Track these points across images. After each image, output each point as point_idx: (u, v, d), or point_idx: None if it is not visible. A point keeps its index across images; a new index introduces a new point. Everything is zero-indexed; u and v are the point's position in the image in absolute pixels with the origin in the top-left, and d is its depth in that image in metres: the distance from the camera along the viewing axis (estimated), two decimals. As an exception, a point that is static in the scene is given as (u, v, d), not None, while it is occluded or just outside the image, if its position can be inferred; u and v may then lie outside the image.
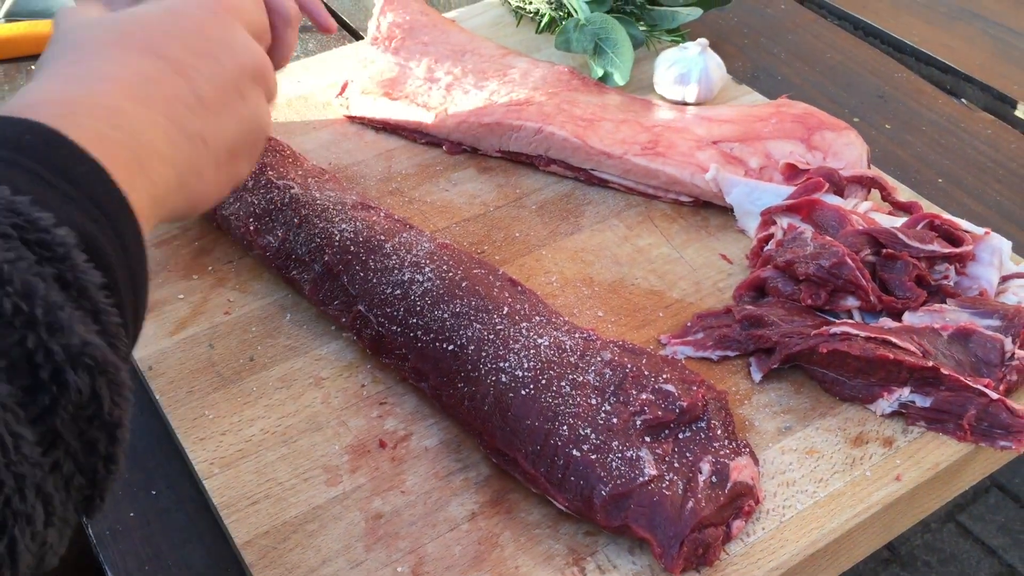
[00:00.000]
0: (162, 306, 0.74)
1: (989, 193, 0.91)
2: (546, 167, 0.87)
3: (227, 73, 0.52)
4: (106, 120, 0.44)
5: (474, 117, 0.87)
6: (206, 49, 0.52)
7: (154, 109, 0.47)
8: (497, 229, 0.81)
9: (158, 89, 0.48)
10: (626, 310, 0.74)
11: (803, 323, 0.69)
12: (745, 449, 0.62)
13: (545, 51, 1.01)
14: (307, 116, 0.93)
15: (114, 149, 0.43)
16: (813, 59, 1.08)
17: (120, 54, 0.48)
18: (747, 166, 0.82)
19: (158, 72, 0.49)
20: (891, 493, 0.62)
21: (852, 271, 0.68)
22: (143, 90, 0.47)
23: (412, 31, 0.97)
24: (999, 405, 0.63)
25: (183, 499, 0.65)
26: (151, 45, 0.50)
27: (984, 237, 0.73)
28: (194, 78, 0.50)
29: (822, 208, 0.74)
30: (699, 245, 0.80)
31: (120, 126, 0.44)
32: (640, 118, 0.87)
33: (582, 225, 0.82)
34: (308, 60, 1.01)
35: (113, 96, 0.45)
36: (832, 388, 0.67)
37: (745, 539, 0.59)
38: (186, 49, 0.51)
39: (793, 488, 0.62)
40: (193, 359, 0.71)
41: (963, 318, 0.68)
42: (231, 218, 0.76)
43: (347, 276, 0.69)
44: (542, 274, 0.77)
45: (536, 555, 0.59)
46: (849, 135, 0.83)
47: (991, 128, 0.98)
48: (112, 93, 0.45)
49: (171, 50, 0.50)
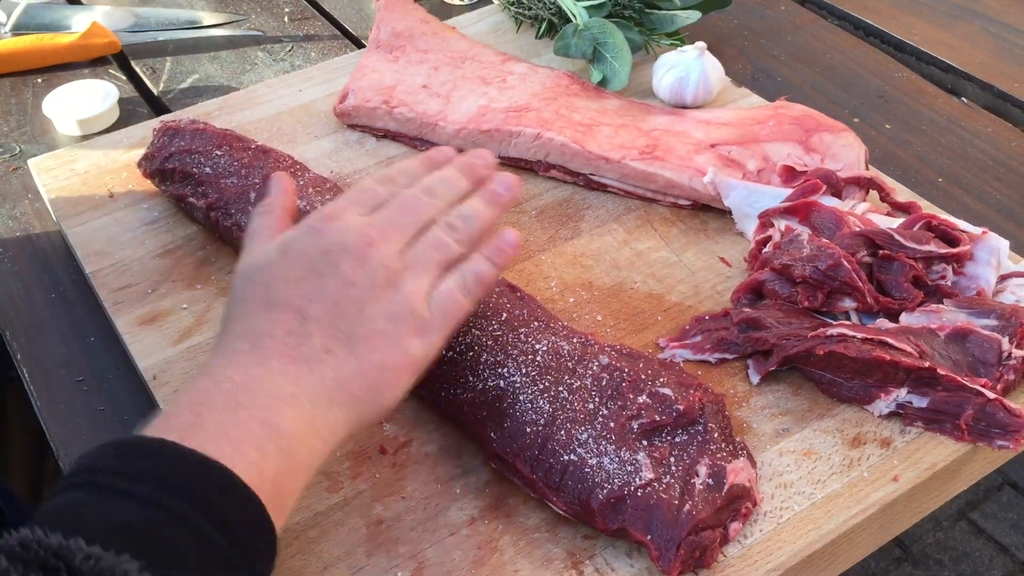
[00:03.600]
0: (166, 316, 0.75)
1: (990, 192, 0.91)
2: (545, 172, 0.87)
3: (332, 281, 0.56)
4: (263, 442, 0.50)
5: (473, 124, 0.88)
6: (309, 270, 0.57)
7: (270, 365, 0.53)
8: (497, 235, 0.82)
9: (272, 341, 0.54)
10: (625, 314, 0.75)
11: (800, 325, 0.69)
12: (742, 451, 0.62)
13: (545, 56, 1.02)
14: (309, 125, 0.94)
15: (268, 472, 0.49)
16: (813, 60, 1.08)
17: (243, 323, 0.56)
18: (745, 169, 0.82)
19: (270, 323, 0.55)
20: (889, 494, 0.62)
21: (848, 273, 0.68)
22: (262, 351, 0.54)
23: (412, 39, 0.97)
24: (996, 405, 0.64)
25: (188, 507, 0.66)
26: (262, 300, 0.56)
27: (981, 237, 0.73)
28: (300, 305, 0.55)
29: (819, 210, 0.74)
30: (698, 248, 0.80)
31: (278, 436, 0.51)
32: (638, 122, 0.87)
33: (581, 230, 0.83)
34: (310, 69, 1.02)
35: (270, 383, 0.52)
36: (830, 390, 0.68)
37: (742, 541, 0.60)
38: (288, 284, 0.56)
39: (791, 490, 0.62)
40: (197, 368, 0.71)
41: (960, 318, 0.68)
42: (233, 228, 0.76)
43: (347, 284, 0.70)
44: (541, 279, 0.78)
45: (535, 559, 0.59)
46: (847, 136, 0.83)
47: (992, 127, 0.98)
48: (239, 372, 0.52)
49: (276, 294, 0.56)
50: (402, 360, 0.56)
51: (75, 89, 0.99)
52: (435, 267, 0.59)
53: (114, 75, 1.06)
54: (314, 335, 0.54)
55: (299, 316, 0.55)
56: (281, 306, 0.55)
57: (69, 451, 0.69)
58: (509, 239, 0.62)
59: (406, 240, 0.59)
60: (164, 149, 0.83)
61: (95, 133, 0.97)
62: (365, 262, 0.57)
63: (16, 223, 0.88)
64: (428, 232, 0.60)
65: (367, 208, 0.61)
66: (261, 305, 0.56)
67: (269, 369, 0.53)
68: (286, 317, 0.55)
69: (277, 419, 0.51)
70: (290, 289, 0.56)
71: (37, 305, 0.80)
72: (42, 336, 0.78)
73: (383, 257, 0.57)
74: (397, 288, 0.57)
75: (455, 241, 0.60)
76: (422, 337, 0.57)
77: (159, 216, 0.84)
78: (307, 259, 0.57)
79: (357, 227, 0.58)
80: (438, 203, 0.62)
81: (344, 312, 0.55)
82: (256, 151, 0.81)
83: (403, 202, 0.61)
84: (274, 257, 0.58)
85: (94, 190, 0.87)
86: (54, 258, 0.84)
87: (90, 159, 0.90)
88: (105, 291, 0.78)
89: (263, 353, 0.53)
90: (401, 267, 0.58)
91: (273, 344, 0.54)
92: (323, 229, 0.58)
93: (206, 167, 0.80)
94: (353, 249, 0.57)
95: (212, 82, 1.05)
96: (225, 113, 0.95)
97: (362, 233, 0.58)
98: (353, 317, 0.55)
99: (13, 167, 0.94)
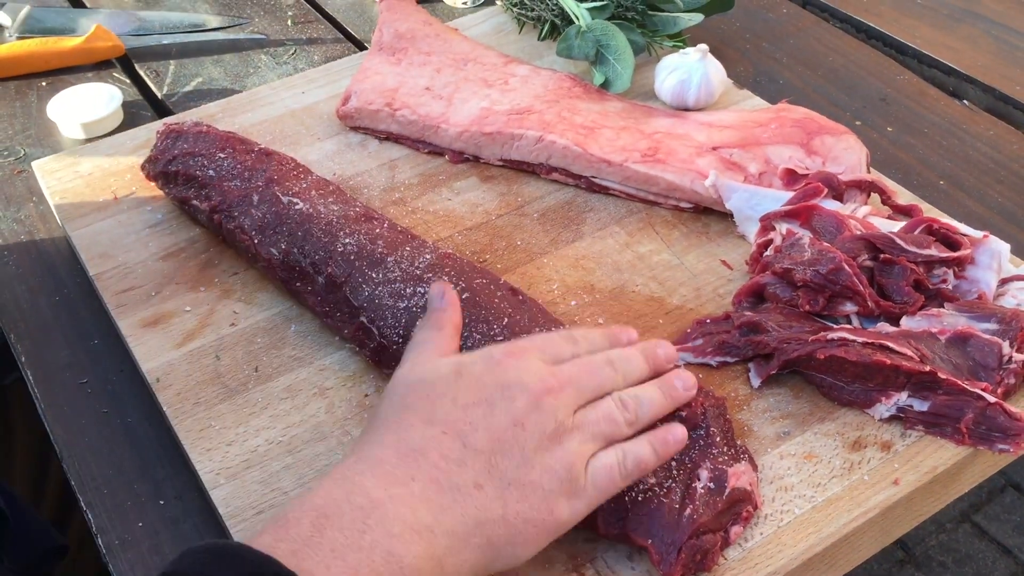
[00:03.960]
0: (169, 318, 0.76)
1: (991, 195, 0.91)
2: (548, 175, 0.88)
3: (503, 415, 0.55)
4: None
5: (476, 126, 0.88)
6: (482, 397, 0.56)
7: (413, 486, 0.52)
8: (499, 237, 0.82)
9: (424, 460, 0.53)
10: (627, 317, 0.75)
11: (801, 329, 0.69)
12: (744, 455, 0.62)
13: (547, 58, 1.02)
14: (311, 127, 0.94)
15: None
16: (815, 63, 1.08)
17: (397, 432, 0.55)
18: (747, 172, 0.82)
19: (427, 441, 0.53)
20: (889, 497, 0.62)
21: (849, 277, 0.69)
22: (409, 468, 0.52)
23: (415, 41, 0.98)
24: (997, 408, 0.64)
25: (191, 509, 0.66)
26: (425, 415, 0.55)
27: (983, 240, 0.73)
28: (464, 431, 0.54)
29: (820, 213, 0.74)
30: (699, 251, 0.81)
31: None
32: (640, 125, 0.88)
33: (583, 232, 0.83)
34: (312, 71, 1.02)
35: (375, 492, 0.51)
36: (830, 393, 0.68)
37: (743, 544, 0.60)
38: (456, 406, 0.55)
39: (791, 493, 0.63)
40: (200, 370, 0.72)
41: (961, 322, 0.69)
42: (236, 231, 0.77)
43: (350, 288, 0.70)
44: (543, 282, 0.78)
45: (536, 562, 0.59)
46: (848, 139, 0.83)
47: (993, 130, 0.98)
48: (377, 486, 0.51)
49: (442, 412, 0.55)
50: (548, 518, 0.54)
51: (79, 92, 0.99)
52: (601, 438, 0.57)
53: (118, 78, 1.07)
54: (469, 466, 0.53)
55: (459, 442, 0.53)
56: (443, 425, 0.54)
57: (72, 453, 0.70)
58: (677, 435, 0.59)
59: (581, 402, 0.58)
60: (167, 152, 0.83)
61: (99, 136, 0.97)
62: (539, 407, 0.55)
63: (20, 226, 0.89)
64: (602, 402, 0.59)
65: (549, 358, 0.60)
66: (422, 419, 0.54)
67: (411, 491, 0.51)
68: (445, 439, 0.53)
69: (403, 552, 0.49)
70: (457, 411, 0.55)
71: (41, 307, 0.81)
72: (46, 338, 0.78)
73: (557, 409, 0.56)
74: (562, 444, 0.55)
75: (625, 421, 0.58)
76: (571, 501, 0.55)
77: (163, 219, 0.85)
78: (481, 386, 0.56)
79: (538, 371, 0.57)
80: (617, 378, 0.60)
81: (506, 451, 0.54)
82: (259, 154, 0.81)
83: (586, 365, 0.60)
84: (446, 375, 0.57)
85: (98, 193, 0.87)
86: (58, 261, 0.85)
87: (94, 162, 0.91)
88: (109, 294, 0.78)
89: (410, 471, 0.52)
90: (571, 425, 0.56)
91: (423, 464, 0.52)
92: (503, 363, 0.57)
93: (209, 170, 0.80)
94: (531, 390, 0.56)
95: (215, 85, 1.06)
96: (228, 116, 0.95)
97: (543, 378, 0.57)
98: (514, 459, 0.54)
99: (17, 170, 0.95)
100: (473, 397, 0.55)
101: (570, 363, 0.60)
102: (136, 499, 0.67)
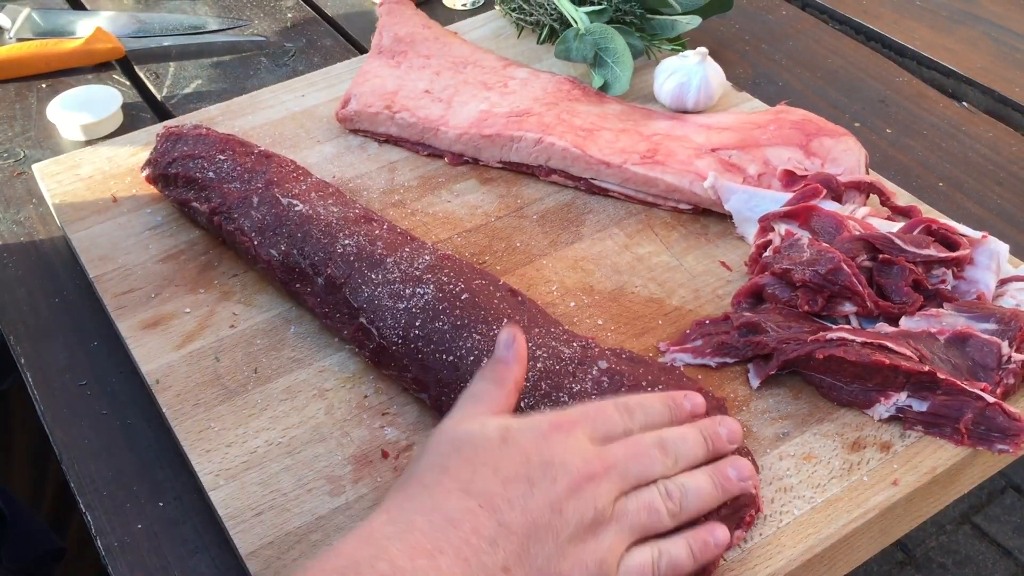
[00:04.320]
0: (169, 320, 0.76)
1: (990, 196, 0.91)
2: (547, 177, 0.88)
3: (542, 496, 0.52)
4: None
5: (475, 129, 0.88)
6: (523, 473, 0.53)
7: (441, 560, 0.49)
8: (498, 239, 0.82)
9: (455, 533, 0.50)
10: (626, 318, 0.75)
11: (800, 329, 0.69)
12: (746, 457, 0.62)
13: (546, 61, 1.02)
14: (311, 130, 0.94)
15: None
16: (814, 64, 1.08)
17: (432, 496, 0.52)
18: (746, 173, 0.82)
19: (462, 512, 0.51)
20: (888, 498, 0.62)
21: (848, 277, 0.69)
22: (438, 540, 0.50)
23: (414, 44, 0.98)
24: (996, 409, 0.64)
25: (190, 511, 0.66)
26: (463, 482, 0.53)
27: (981, 241, 0.73)
28: (500, 508, 0.52)
29: (819, 214, 0.74)
30: (698, 252, 0.81)
31: None
32: (639, 127, 0.88)
33: (583, 234, 0.83)
34: (312, 74, 1.02)
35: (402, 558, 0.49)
36: (830, 393, 0.68)
37: (742, 545, 0.60)
38: (497, 478, 0.53)
39: (790, 494, 0.63)
40: (199, 372, 0.72)
41: (960, 322, 0.69)
42: (236, 232, 0.77)
43: (349, 289, 0.70)
44: (543, 283, 0.78)
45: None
46: (847, 141, 0.84)
47: (992, 131, 0.98)
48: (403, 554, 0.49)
49: (481, 483, 0.52)
50: None
51: (79, 94, 1.00)
52: (640, 530, 0.55)
53: (118, 80, 1.07)
54: (500, 547, 0.51)
55: (495, 519, 0.51)
56: (480, 498, 0.52)
57: (71, 455, 0.70)
58: (719, 537, 0.57)
59: (624, 489, 0.55)
60: (167, 154, 0.83)
61: (99, 138, 0.97)
62: (580, 493, 0.53)
63: (20, 228, 0.89)
64: (646, 490, 0.56)
65: (599, 434, 0.57)
66: (460, 487, 0.52)
67: (437, 565, 0.49)
68: (481, 514, 0.51)
69: None
70: (496, 485, 0.52)
71: (40, 309, 0.81)
72: (45, 340, 0.78)
73: (598, 497, 0.54)
74: (598, 537, 0.53)
75: (668, 512, 0.56)
76: None
77: (162, 221, 0.85)
78: (524, 461, 0.53)
79: (584, 453, 0.55)
80: (668, 463, 0.57)
81: (540, 537, 0.52)
82: (259, 156, 0.81)
83: (636, 448, 0.57)
84: (492, 440, 0.54)
85: (98, 195, 0.87)
86: (58, 263, 0.85)
87: (94, 164, 0.91)
88: (108, 295, 0.78)
89: (439, 543, 0.50)
90: (610, 515, 0.54)
91: (454, 538, 0.50)
92: (550, 437, 0.55)
93: (209, 172, 0.80)
94: (574, 474, 0.53)
95: (215, 87, 1.06)
96: (228, 118, 0.96)
97: (587, 461, 0.54)
98: (546, 547, 0.52)
99: (17, 172, 0.95)
100: (515, 471, 0.53)
101: (619, 444, 0.57)
102: (135, 501, 0.67)
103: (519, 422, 0.56)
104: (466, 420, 0.57)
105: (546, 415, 0.57)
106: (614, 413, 0.58)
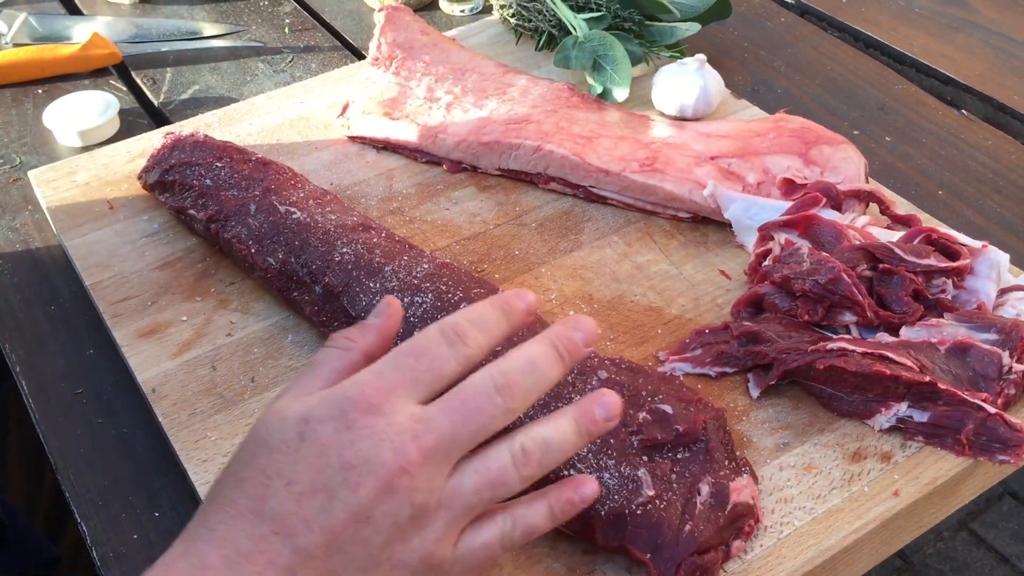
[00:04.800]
0: (165, 328, 0.75)
1: (989, 204, 0.91)
2: (545, 185, 0.87)
3: (342, 509, 0.46)
4: None
5: (474, 136, 0.88)
6: (320, 483, 0.46)
7: None
8: (497, 247, 0.82)
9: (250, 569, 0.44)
10: (625, 327, 0.75)
11: (800, 339, 0.69)
12: (744, 468, 0.62)
13: (545, 68, 1.02)
14: (309, 136, 0.94)
15: None
16: (813, 72, 1.08)
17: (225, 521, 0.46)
18: (745, 181, 0.82)
19: (255, 542, 0.45)
20: (889, 508, 0.62)
21: (848, 287, 0.68)
22: None
23: (413, 50, 0.97)
24: (997, 419, 0.63)
25: (186, 521, 0.65)
26: (256, 500, 0.46)
27: (982, 250, 0.73)
28: (295, 531, 0.45)
29: (819, 223, 0.74)
30: (698, 261, 0.80)
31: None
32: (638, 135, 0.88)
33: (581, 242, 0.82)
34: (310, 81, 1.02)
35: None
36: (830, 404, 0.68)
37: (742, 556, 0.59)
38: (291, 494, 0.46)
39: (791, 504, 0.62)
40: (196, 381, 0.71)
41: (960, 332, 0.68)
42: (233, 240, 0.76)
43: (347, 298, 0.70)
44: (541, 292, 0.78)
45: (535, 574, 0.59)
46: (847, 149, 0.83)
47: (991, 139, 0.98)
48: None
49: (274, 502, 0.46)
50: None
51: (76, 100, 0.99)
52: (481, 508, 0.48)
53: (115, 86, 1.07)
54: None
55: (290, 545, 0.45)
56: (273, 522, 0.45)
57: (67, 463, 0.69)
58: (585, 494, 0.49)
59: (458, 457, 0.47)
60: (164, 161, 0.83)
61: (95, 144, 0.97)
62: (391, 494, 0.46)
63: (16, 234, 0.88)
64: (493, 454, 0.48)
65: (424, 386, 0.48)
66: (252, 507, 0.46)
67: None
68: (275, 541, 0.45)
69: None
70: (290, 503, 0.45)
71: (36, 317, 0.80)
72: (41, 348, 0.77)
73: (416, 491, 0.46)
74: (422, 531, 0.47)
75: (520, 478, 0.48)
76: None
77: (159, 228, 0.84)
78: (323, 464, 0.46)
79: (396, 440, 0.46)
80: (514, 407, 0.48)
81: (347, 553, 0.45)
82: (256, 163, 0.81)
83: (468, 404, 0.47)
84: (288, 440, 0.47)
85: (94, 202, 0.87)
86: (53, 270, 0.84)
87: (90, 170, 0.90)
88: (104, 303, 0.78)
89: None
90: (435, 503, 0.47)
91: (250, 574, 0.44)
92: (356, 425, 0.46)
93: (206, 179, 0.80)
94: (381, 473, 0.45)
95: (212, 93, 1.06)
96: (225, 125, 0.95)
97: (399, 451, 0.46)
98: (356, 561, 0.46)
99: (13, 178, 0.94)
100: (310, 481, 0.45)
101: (448, 401, 0.48)
102: (131, 510, 0.66)
103: (324, 407, 0.47)
104: (284, 403, 0.49)
105: (355, 389, 0.48)
106: (441, 346, 0.49)
